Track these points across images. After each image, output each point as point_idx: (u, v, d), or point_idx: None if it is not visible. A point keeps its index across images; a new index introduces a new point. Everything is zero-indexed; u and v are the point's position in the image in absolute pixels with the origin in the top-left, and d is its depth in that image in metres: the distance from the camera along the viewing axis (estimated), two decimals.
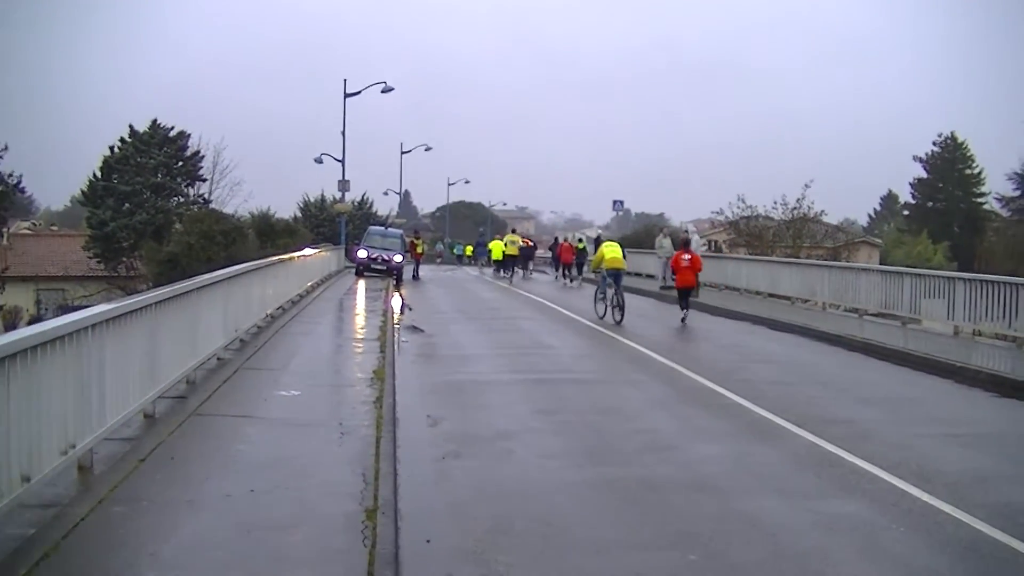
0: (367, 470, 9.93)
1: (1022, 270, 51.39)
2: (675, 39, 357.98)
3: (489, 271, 58.10)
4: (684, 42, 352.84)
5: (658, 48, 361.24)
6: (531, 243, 61.90)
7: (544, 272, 61.33)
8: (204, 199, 70.65)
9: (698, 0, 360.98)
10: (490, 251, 59.16)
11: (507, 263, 54.45)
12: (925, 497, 9.89)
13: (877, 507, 9.64)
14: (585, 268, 46.67)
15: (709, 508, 9.55)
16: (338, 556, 7.50)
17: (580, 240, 50.46)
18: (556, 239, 62.26)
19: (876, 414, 14.76)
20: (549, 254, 62.10)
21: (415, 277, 50.39)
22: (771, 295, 36.45)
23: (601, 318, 28.17)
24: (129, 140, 68.43)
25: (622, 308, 27.42)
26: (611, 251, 28.55)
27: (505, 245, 54.48)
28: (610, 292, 27.92)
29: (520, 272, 56.62)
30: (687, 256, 29.01)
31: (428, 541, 8.25)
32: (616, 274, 27.96)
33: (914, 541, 8.65)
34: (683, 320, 27.99)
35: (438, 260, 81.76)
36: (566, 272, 51.64)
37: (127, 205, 65.65)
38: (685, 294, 28.98)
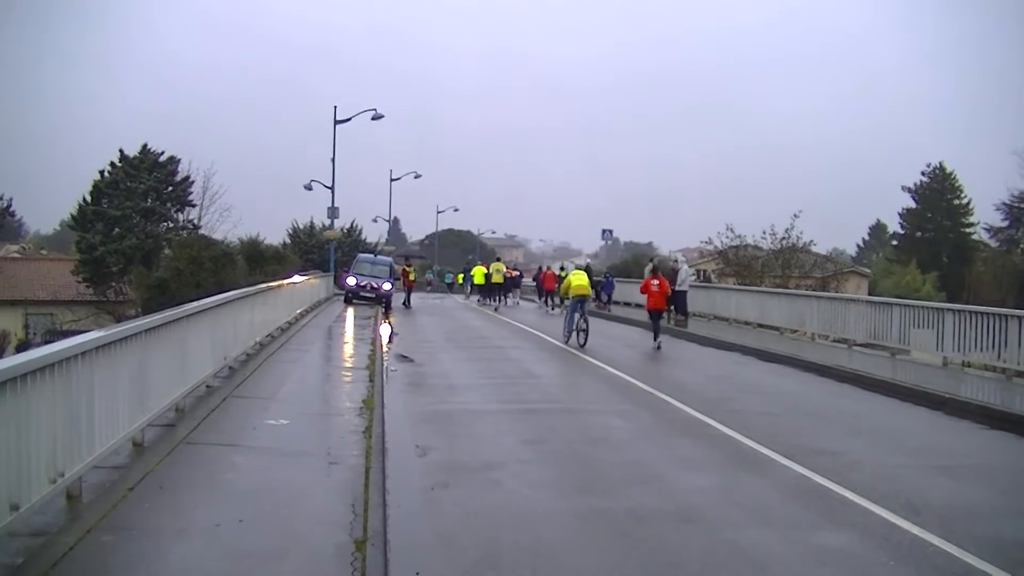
0: (356, 500, 9.93)
1: (1011, 300, 51.73)
2: (667, 69, 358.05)
3: (475, 299, 59.64)
4: (676, 72, 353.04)
5: (649, 77, 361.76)
6: (516, 272, 63.05)
7: (532, 300, 61.22)
8: (193, 224, 70.80)
9: (691, 31, 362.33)
10: (472, 276, 61.99)
11: (492, 290, 56.61)
12: (915, 530, 9.90)
13: (867, 539, 9.64)
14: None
15: (697, 539, 9.56)
16: None
17: (562, 268, 50.67)
18: (540, 268, 63.16)
19: (865, 445, 14.79)
20: (534, 283, 62.42)
21: (406, 305, 50.46)
22: (760, 325, 36.54)
23: (566, 342, 29.80)
24: (119, 164, 68.59)
25: (587, 332, 29.17)
26: (577, 279, 30.49)
27: (492, 273, 56.18)
28: (576, 316, 29.68)
29: (505, 300, 58.13)
30: (655, 281, 30.96)
31: (417, 573, 8.24)
32: (582, 300, 30.06)
33: (904, 574, 8.66)
34: (658, 347, 29.30)
35: (428, 288, 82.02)
36: (549, 300, 53.02)
37: (117, 230, 65.75)
38: (656, 316, 30.72)
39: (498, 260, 61.41)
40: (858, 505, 10.93)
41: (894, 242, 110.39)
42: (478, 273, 60.08)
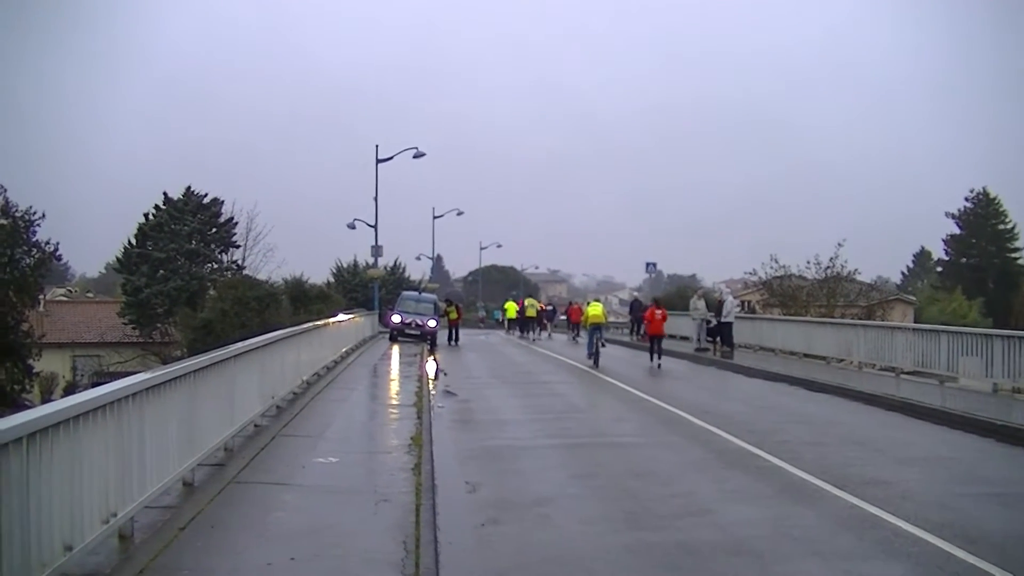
0: (408, 538, 9.92)
1: None
2: (708, 99, 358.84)
3: (516, 333, 63.17)
4: (715, 101, 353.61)
5: (690, 108, 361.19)
6: (549, 307, 73.53)
7: (564, 333, 65.66)
8: (238, 265, 71.01)
9: (731, 60, 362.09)
10: (505, 310, 69.88)
11: (526, 324, 61.46)
12: (971, 559, 9.81)
13: (922, 570, 9.56)
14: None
15: (748, 572, 9.51)
16: None
17: (587, 303, 51.90)
18: (569, 303, 72.24)
19: (916, 474, 14.66)
20: (564, 317, 70.46)
21: (452, 342, 50.69)
22: (806, 355, 36.34)
23: (588, 359, 36.09)
24: (163, 207, 69.03)
25: (599, 353, 35.69)
26: (594, 310, 37.66)
27: (527, 307, 61.32)
28: (595, 340, 36.25)
29: (540, 332, 62.57)
30: (659, 311, 36.91)
31: None
32: (597, 327, 36.59)
33: None
34: (658, 366, 34.93)
35: (481, 324, 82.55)
36: (575, 329, 58.81)
37: (161, 271, 66.13)
38: (657, 341, 36.45)
39: (529, 296, 69.62)
40: (912, 535, 10.83)
41: (939, 269, 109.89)
42: (510, 308, 67.49)
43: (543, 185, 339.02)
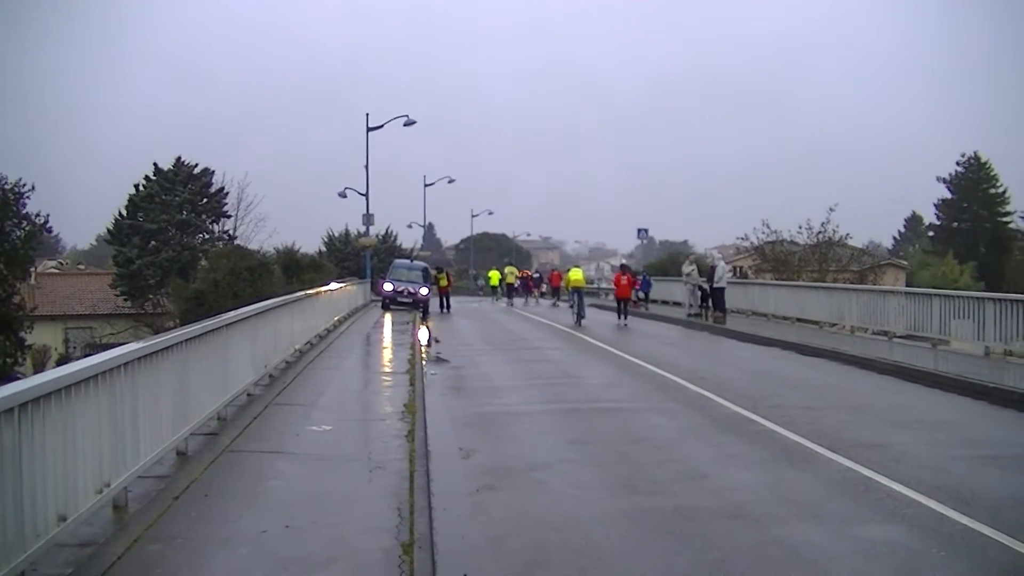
0: (402, 504, 9.88)
1: None
2: (704, 70, 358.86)
3: (505, 301, 65.89)
4: (713, 73, 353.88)
5: (686, 78, 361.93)
6: (530, 274, 79.90)
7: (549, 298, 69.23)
8: (229, 235, 70.95)
9: (725, 23, 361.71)
10: (488, 278, 75.27)
11: (509, 290, 67.78)
12: (965, 520, 9.80)
13: (916, 532, 9.56)
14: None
15: (746, 536, 9.48)
16: None
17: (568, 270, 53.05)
18: (552, 270, 77.36)
19: (910, 437, 14.66)
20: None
21: (444, 310, 50.85)
22: (799, 320, 36.38)
23: (575, 322, 39.86)
24: (154, 178, 68.87)
25: (582, 315, 40.65)
26: (575, 275, 43.19)
27: (506, 275, 69.38)
28: (576, 301, 41.32)
29: (526, 298, 70.73)
30: (624, 277, 43.07)
31: (465, 575, 8.20)
32: (578, 291, 41.79)
33: (956, 565, 8.57)
34: (624, 324, 39.85)
35: (480, 293, 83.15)
36: (555, 294, 65.25)
37: (153, 243, 66.06)
38: (623, 302, 42.08)
39: (509, 264, 79.88)
40: (906, 497, 10.84)
41: (930, 233, 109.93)
42: (493, 277, 73.00)
43: (537, 153, 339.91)
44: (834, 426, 15.33)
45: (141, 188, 68.68)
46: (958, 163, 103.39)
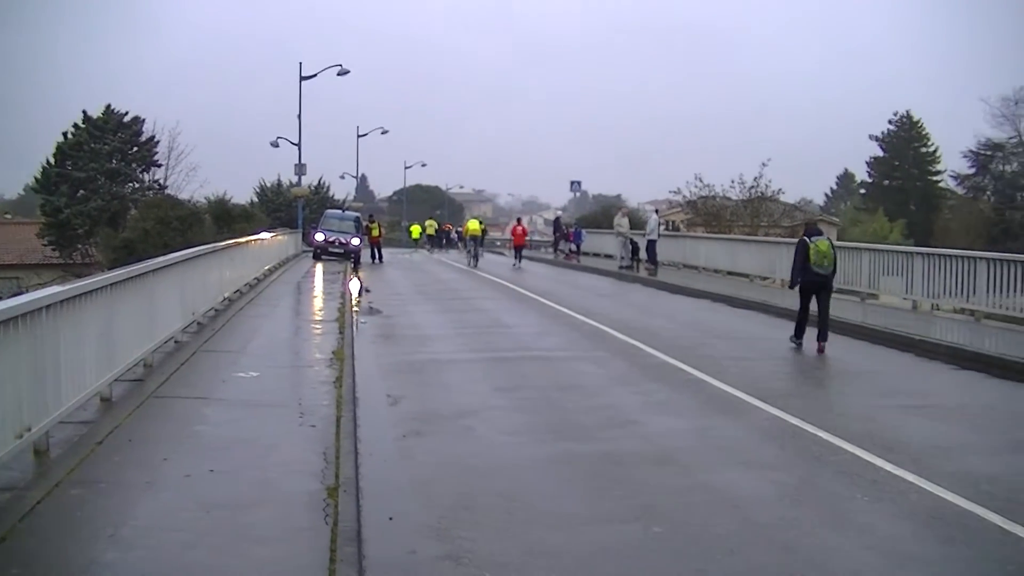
0: (328, 449, 9.84)
1: (978, 246, 51.94)
2: (637, 16, 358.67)
3: (437, 252, 71.85)
4: (651, 29, 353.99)
5: (624, 33, 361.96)
6: (451, 227, 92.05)
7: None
8: (160, 185, 70.06)
9: None
10: (410, 232, 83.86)
11: (431, 240, 79.71)
12: (889, 467, 9.91)
13: (842, 478, 9.64)
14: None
15: (673, 481, 9.52)
16: (300, 534, 7.41)
17: (481, 222, 57.14)
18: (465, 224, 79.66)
19: (838, 387, 14.89)
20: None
21: (376, 260, 50.52)
22: (731, 273, 36.69)
23: (468, 266, 46.61)
24: (83, 126, 67.76)
25: (477, 259, 47.78)
26: (472, 225, 51.46)
27: (426, 227, 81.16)
28: (472, 247, 48.65)
29: (445, 248, 78.59)
30: (519, 228, 52.07)
31: (391, 518, 8.16)
32: (475, 239, 49.02)
33: (879, 510, 8.64)
34: (519, 267, 46.46)
35: (427, 247, 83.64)
36: (467, 245, 64.89)
37: (82, 192, 65.08)
38: (518, 249, 49.91)
39: (431, 218, 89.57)
40: (832, 444, 10.94)
41: (862, 191, 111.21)
42: (415, 230, 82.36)
43: (473, 105, 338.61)
44: (763, 376, 15.45)
45: (69, 136, 67.61)
46: (890, 122, 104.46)
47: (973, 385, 15.58)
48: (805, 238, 18.47)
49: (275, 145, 62.20)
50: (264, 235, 37.89)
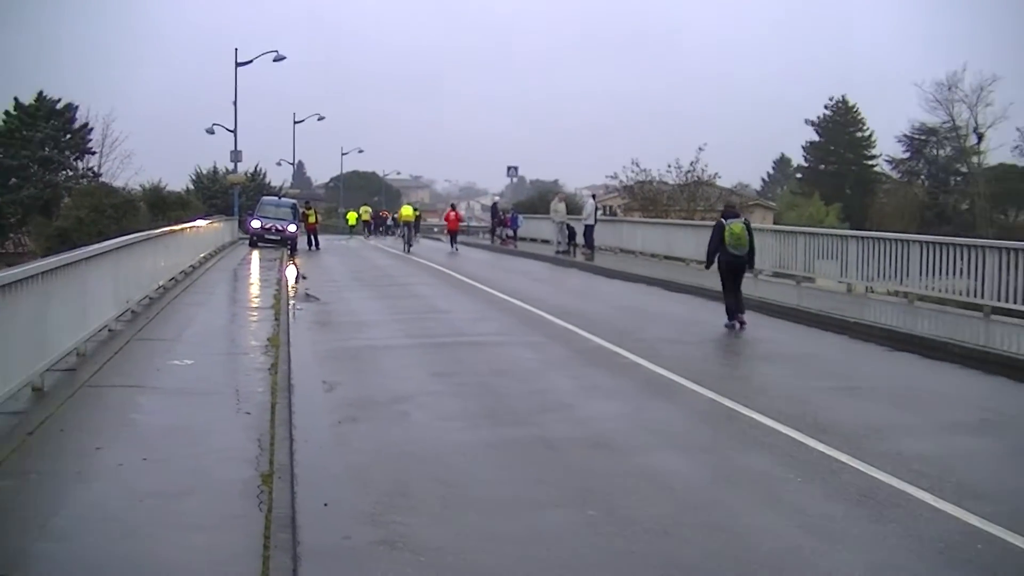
0: (263, 436, 9.80)
1: (912, 230, 52.50)
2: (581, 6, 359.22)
3: (374, 238, 73.83)
4: (590, 10, 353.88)
5: (559, 16, 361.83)
6: (388, 213, 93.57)
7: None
8: (94, 172, 69.63)
9: None
10: (347, 218, 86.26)
11: (367, 226, 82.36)
12: (822, 448, 10.00)
13: (775, 459, 9.73)
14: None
15: (608, 465, 9.55)
16: (234, 521, 7.38)
17: (415, 208, 59.86)
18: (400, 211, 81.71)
19: (773, 370, 14.96)
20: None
21: (312, 247, 50.28)
22: (667, 257, 36.83)
23: (403, 251, 47.71)
24: (14, 113, 67.19)
25: (411, 244, 49.33)
26: (406, 211, 54.53)
27: (361, 214, 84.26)
28: (407, 233, 50.36)
29: (381, 234, 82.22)
30: (453, 213, 55.46)
31: (326, 504, 8.14)
32: (408, 224, 51.57)
33: (812, 490, 8.73)
34: (456, 251, 49.45)
35: (367, 233, 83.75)
36: (398, 229, 69.53)
37: (13, 180, 64.53)
38: (454, 234, 53.66)
39: (365, 205, 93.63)
40: (767, 426, 11.02)
41: (798, 175, 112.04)
42: (351, 217, 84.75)
43: (410, 91, 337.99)
44: (698, 359, 15.59)
45: (0, 123, 66.90)
46: (826, 107, 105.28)
47: (906, 367, 15.73)
48: (722, 220, 18.73)
49: (211, 132, 61.78)
50: (200, 222, 37.68)
